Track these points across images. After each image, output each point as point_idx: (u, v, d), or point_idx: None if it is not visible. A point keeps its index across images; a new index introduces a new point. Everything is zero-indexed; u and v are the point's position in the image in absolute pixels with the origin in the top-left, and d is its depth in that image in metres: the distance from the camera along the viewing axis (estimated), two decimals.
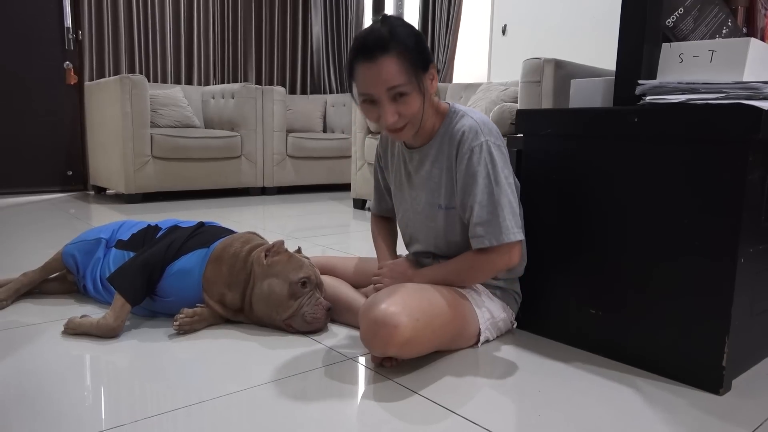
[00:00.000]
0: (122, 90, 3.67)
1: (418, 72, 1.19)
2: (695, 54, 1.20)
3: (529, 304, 1.47)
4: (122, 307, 1.40)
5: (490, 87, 3.71)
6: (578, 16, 4.27)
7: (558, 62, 2.41)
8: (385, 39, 1.15)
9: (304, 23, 5.53)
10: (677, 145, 1.16)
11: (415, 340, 1.16)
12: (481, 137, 1.23)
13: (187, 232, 1.58)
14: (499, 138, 1.27)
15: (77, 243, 1.68)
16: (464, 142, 1.24)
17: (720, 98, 1.09)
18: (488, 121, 1.27)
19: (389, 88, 1.16)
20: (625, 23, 1.27)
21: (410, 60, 1.16)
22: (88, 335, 1.37)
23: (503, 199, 1.22)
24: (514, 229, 1.23)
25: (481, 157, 1.22)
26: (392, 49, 1.15)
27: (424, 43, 1.20)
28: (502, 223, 1.22)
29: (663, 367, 1.22)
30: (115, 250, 1.62)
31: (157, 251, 1.49)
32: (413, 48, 1.17)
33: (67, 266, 1.68)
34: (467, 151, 1.24)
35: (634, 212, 1.24)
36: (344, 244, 2.62)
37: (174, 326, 1.40)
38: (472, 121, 1.25)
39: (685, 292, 1.17)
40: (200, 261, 1.49)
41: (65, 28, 4.36)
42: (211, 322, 1.47)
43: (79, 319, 1.39)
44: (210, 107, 4.59)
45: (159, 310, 1.52)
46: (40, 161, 4.35)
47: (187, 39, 4.93)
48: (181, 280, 1.47)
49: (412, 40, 1.17)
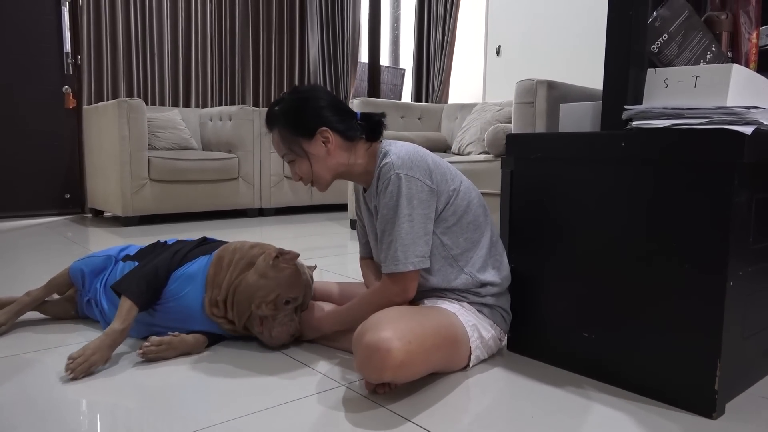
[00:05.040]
0: (120, 114, 3.71)
1: (301, 141, 1.37)
2: (680, 79, 1.22)
3: (521, 327, 1.48)
4: (128, 311, 1.40)
5: (485, 107, 3.75)
6: (572, 36, 4.33)
7: (551, 83, 2.44)
8: (270, 117, 1.41)
9: (301, 45, 5.60)
10: (664, 169, 1.17)
11: (409, 363, 1.17)
12: (391, 171, 1.30)
13: (193, 243, 1.64)
14: (417, 170, 1.30)
15: (87, 258, 1.68)
16: (381, 178, 1.33)
17: (704, 123, 1.11)
18: (409, 154, 1.32)
19: (280, 155, 1.42)
20: (611, 49, 1.29)
21: (290, 133, 1.38)
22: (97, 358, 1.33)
23: (400, 230, 1.29)
24: (404, 261, 1.29)
25: (387, 190, 1.30)
26: (275, 125, 1.40)
27: (308, 113, 1.37)
28: (393, 254, 1.29)
29: (656, 391, 1.22)
30: (122, 263, 1.64)
31: (162, 258, 1.53)
32: (293, 122, 1.38)
33: (74, 282, 1.67)
34: (382, 187, 1.32)
35: (624, 235, 1.25)
36: (341, 265, 2.62)
37: (138, 353, 1.40)
38: (390, 157, 1.32)
39: (676, 315, 1.18)
40: (204, 266, 1.53)
41: (64, 53, 4.42)
42: (183, 351, 1.45)
43: (80, 353, 1.32)
44: (208, 129, 4.62)
45: (159, 323, 1.52)
46: (37, 184, 4.38)
47: (185, 62, 4.98)
48: (185, 284, 1.50)
49: (292, 115, 1.38)
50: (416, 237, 1.30)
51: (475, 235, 1.38)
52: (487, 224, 1.42)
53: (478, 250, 1.38)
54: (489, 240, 1.40)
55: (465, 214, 1.37)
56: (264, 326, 1.45)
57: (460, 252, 1.37)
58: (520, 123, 2.55)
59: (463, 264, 1.37)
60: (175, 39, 4.91)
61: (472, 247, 1.38)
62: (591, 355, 1.33)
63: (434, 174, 1.33)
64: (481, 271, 1.37)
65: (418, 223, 1.29)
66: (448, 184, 1.36)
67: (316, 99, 1.38)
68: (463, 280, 1.36)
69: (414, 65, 5.55)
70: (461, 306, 1.37)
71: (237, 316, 1.48)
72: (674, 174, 1.16)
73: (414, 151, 1.34)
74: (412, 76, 5.60)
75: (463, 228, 1.37)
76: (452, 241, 1.36)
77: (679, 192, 1.15)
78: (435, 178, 1.33)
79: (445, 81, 5.30)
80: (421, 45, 5.45)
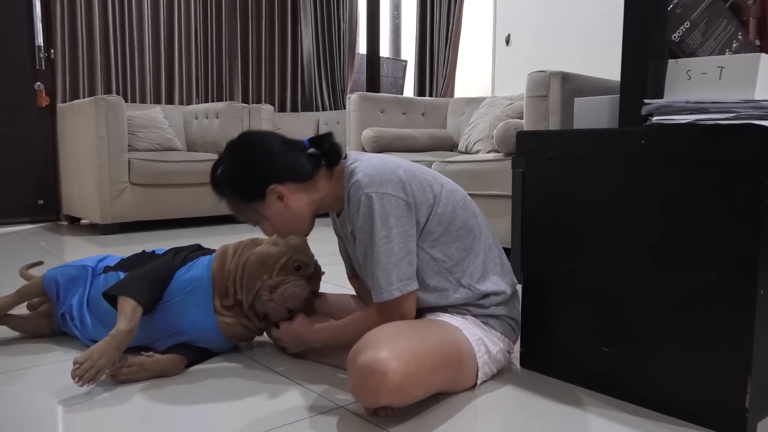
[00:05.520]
0: (97, 112, 3.72)
1: (254, 206, 1.39)
2: (703, 71, 1.23)
3: (534, 341, 1.48)
4: (133, 311, 1.41)
5: (494, 101, 3.76)
6: (587, 23, 4.34)
7: (565, 75, 2.45)
8: (215, 186, 1.43)
9: (294, 36, 5.62)
10: (687, 169, 1.18)
11: (407, 385, 1.16)
12: (360, 191, 1.31)
13: (191, 247, 1.70)
14: (389, 185, 1.30)
15: (61, 267, 1.69)
16: (351, 200, 1.34)
17: (730, 118, 1.12)
18: (377, 169, 1.32)
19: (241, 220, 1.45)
20: (628, 39, 1.30)
21: (240, 202, 1.41)
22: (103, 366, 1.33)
23: (379, 255, 1.29)
24: (388, 288, 1.29)
25: (360, 213, 1.31)
26: (222, 194, 1.43)
27: (251, 176, 1.37)
28: (376, 282, 1.30)
29: (682, 410, 1.22)
30: (103, 275, 1.65)
31: (161, 261, 1.57)
32: (239, 191, 1.40)
33: (48, 292, 1.68)
34: (353, 210, 1.33)
35: (645, 240, 1.25)
36: (339, 274, 2.62)
37: (107, 375, 1.39)
38: (357, 176, 1.32)
39: (702, 326, 1.18)
40: (208, 263, 1.58)
41: (36, 47, 4.44)
42: (156, 372, 1.44)
43: (86, 358, 1.31)
44: (193, 128, 4.64)
45: (159, 326, 1.53)
46: (8, 190, 4.39)
47: (167, 55, 5.01)
48: (190, 281, 1.54)
49: (237, 183, 1.39)
50: (398, 259, 1.29)
51: (467, 241, 1.38)
52: (480, 227, 1.41)
53: (473, 257, 1.38)
54: (485, 244, 1.40)
55: (452, 221, 1.36)
56: (275, 293, 1.50)
57: (454, 263, 1.36)
58: (532, 118, 2.56)
59: (460, 275, 1.36)
60: (157, 30, 4.94)
61: (466, 255, 1.37)
62: (610, 371, 1.33)
63: (408, 185, 1.33)
64: (481, 281, 1.37)
65: (397, 244, 1.29)
66: (426, 193, 1.35)
67: (252, 156, 1.37)
68: (462, 294, 1.36)
69: (417, 56, 5.57)
70: (464, 318, 1.36)
71: (246, 292, 1.52)
72: (698, 174, 1.16)
73: (382, 164, 1.34)
74: (414, 68, 5.61)
75: (453, 236, 1.36)
76: (443, 253, 1.36)
77: (704, 193, 1.16)
78: (410, 189, 1.33)
79: (450, 73, 5.32)
80: (424, 34, 5.46)
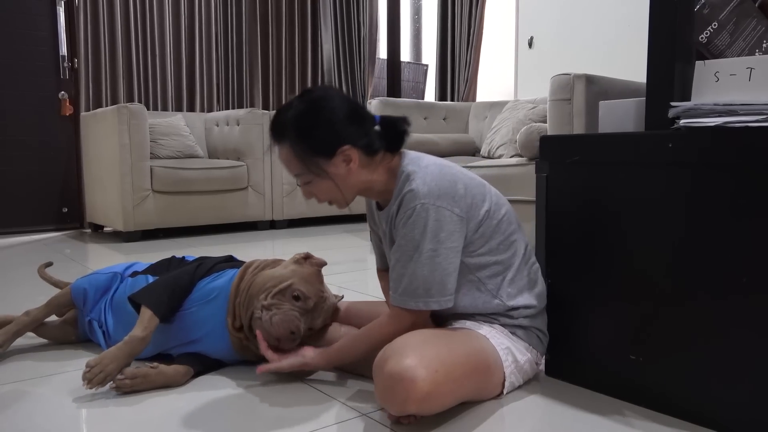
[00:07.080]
0: (120, 120, 3.80)
1: (318, 160, 1.31)
2: (732, 72, 1.21)
3: (560, 349, 1.47)
4: (150, 320, 1.44)
5: (517, 105, 3.75)
6: (611, 24, 4.31)
7: (589, 78, 2.43)
8: (282, 126, 1.31)
9: (314, 42, 5.67)
10: (717, 173, 1.16)
11: (435, 393, 1.17)
12: (416, 200, 1.28)
13: (219, 258, 1.70)
14: (446, 198, 1.28)
15: (90, 276, 1.73)
16: (403, 207, 1.31)
17: (760, 120, 1.10)
18: (436, 180, 1.30)
19: (293, 174, 1.35)
20: (654, 40, 1.29)
21: (304, 151, 1.30)
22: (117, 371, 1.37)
23: (422, 268, 1.27)
24: (407, 299, 1.29)
25: (410, 221, 1.28)
26: (287, 138, 1.31)
27: (326, 128, 1.29)
28: (399, 287, 1.30)
29: (716, 421, 1.20)
30: (131, 279, 1.68)
31: (185, 270, 1.58)
32: (308, 139, 1.30)
33: (75, 301, 1.70)
34: (403, 216, 1.30)
35: (673, 246, 1.24)
36: (361, 281, 2.64)
37: (110, 387, 1.40)
38: (415, 183, 1.29)
39: (737, 334, 1.16)
40: (231, 277, 1.57)
41: (60, 57, 4.54)
42: (160, 384, 1.44)
43: (97, 362, 1.35)
44: (214, 135, 4.70)
45: (175, 334, 1.54)
46: (32, 198, 4.49)
47: (188, 63, 5.08)
48: (211, 292, 1.55)
49: (307, 130, 1.29)
50: (444, 274, 1.28)
51: (506, 255, 1.36)
52: (520, 240, 1.40)
53: (509, 272, 1.37)
54: (521, 258, 1.39)
55: (494, 234, 1.35)
56: (265, 313, 1.43)
57: (489, 276, 1.36)
58: (555, 122, 2.54)
59: (493, 288, 1.36)
60: (178, 38, 5.02)
61: (502, 270, 1.36)
62: (639, 380, 1.32)
63: (464, 200, 1.31)
64: (512, 296, 1.37)
65: (444, 259, 1.28)
66: (479, 209, 1.33)
67: (332, 109, 1.30)
68: (493, 305, 1.36)
69: (438, 60, 5.58)
70: (492, 327, 1.37)
71: (245, 310, 1.49)
72: (729, 178, 1.15)
73: (441, 175, 1.31)
74: (435, 72, 5.63)
75: (493, 250, 1.35)
76: (480, 264, 1.35)
77: (736, 198, 1.14)
78: (465, 203, 1.31)
79: (472, 77, 5.32)
80: (445, 38, 5.47)
